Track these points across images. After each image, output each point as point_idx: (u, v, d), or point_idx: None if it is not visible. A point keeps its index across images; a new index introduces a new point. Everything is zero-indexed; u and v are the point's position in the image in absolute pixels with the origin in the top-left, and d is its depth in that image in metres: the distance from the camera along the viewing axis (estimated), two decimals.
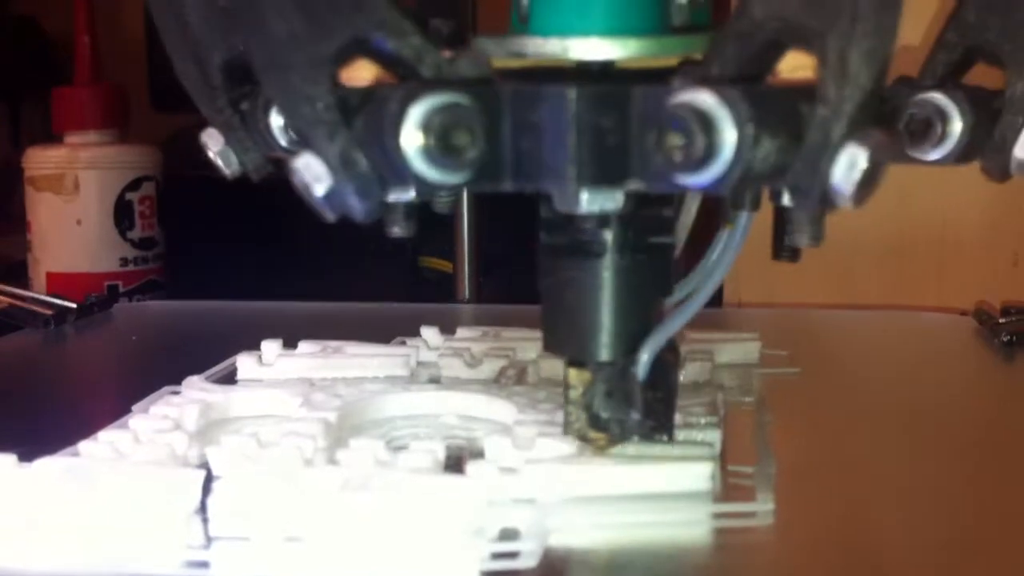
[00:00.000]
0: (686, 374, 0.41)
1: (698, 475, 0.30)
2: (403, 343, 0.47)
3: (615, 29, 0.26)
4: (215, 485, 0.29)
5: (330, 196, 0.25)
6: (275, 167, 0.31)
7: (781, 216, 0.31)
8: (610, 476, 0.30)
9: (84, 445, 0.33)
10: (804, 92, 0.23)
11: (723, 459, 0.33)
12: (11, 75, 1.18)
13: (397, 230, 0.27)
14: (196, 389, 0.39)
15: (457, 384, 0.42)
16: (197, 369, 0.44)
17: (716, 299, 0.66)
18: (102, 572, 0.27)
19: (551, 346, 0.30)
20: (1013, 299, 0.52)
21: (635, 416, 0.29)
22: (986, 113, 0.28)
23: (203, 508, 0.29)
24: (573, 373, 0.29)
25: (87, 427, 0.36)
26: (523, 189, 0.26)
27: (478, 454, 0.33)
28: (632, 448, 0.32)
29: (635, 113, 0.24)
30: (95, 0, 0.85)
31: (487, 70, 0.26)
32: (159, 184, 0.85)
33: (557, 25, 0.27)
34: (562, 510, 0.30)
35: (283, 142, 0.30)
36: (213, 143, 0.30)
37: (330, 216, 0.25)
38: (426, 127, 0.24)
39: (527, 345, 0.45)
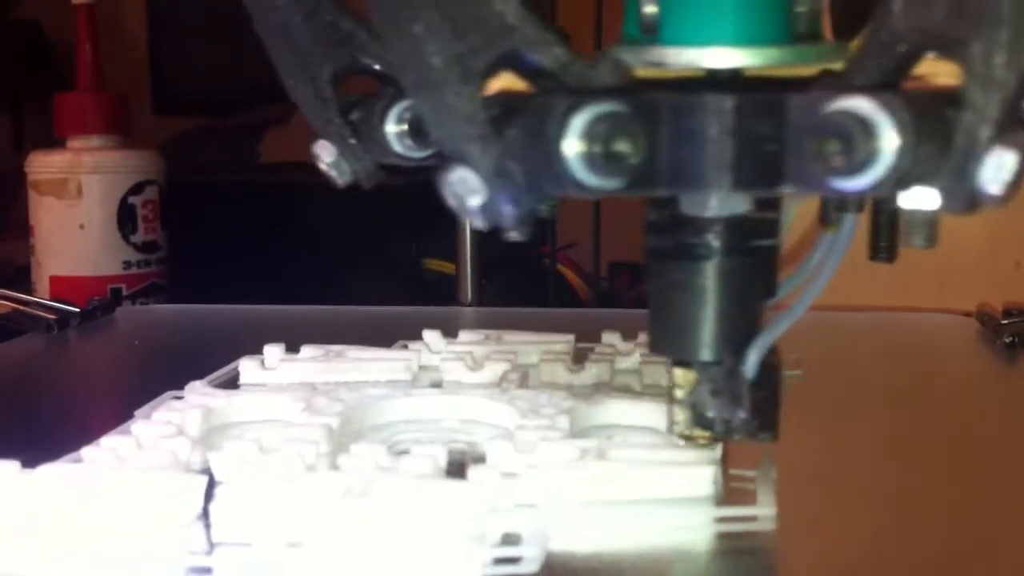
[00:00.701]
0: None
1: (700, 479, 0.31)
2: (405, 347, 0.47)
3: (745, 38, 0.27)
4: (217, 491, 0.29)
5: (485, 207, 0.25)
6: (385, 172, 0.32)
7: (879, 217, 0.32)
8: (612, 481, 0.31)
9: (87, 451, 0.33)
10: (950, 97, 0.24)
11: (725, 463, 0.33)
12: (13, 79, 1.19)
13: (516, 235, 0.27)
14: (199, 394, 0.39)
15: (459, 388, 0.42)
16: (200, 373, 0.44)
17: None
18: None
19: (657, 347, 0.30)
20: (1015, 301, 0.52)
21: (741, 415, 0.29)
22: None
23: (205, 514, 0.29)
24: (679, 373, 0.30)
25: (90, 432, 0.36)
26: (677, 194, 0.27)
27: (480, 459, 0.33)
28: (634, 452, 0.32)
29: (792, 120, 0.25)
30: (97, 5, 0.85)
31: (625, 79, 0.26)
32: (162, 188, 0.85)
33: (689, 35, 0.27)
34: (564, 515, 0.30)
35: (399, 148, 0.31)
36: (326, 154, 0.31)
37: (482, 225, 0.26)
38: (590, 135, 0.25)
39: (529, 349, 0.45)
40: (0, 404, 0.45)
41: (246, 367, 0.44)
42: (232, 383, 0.44)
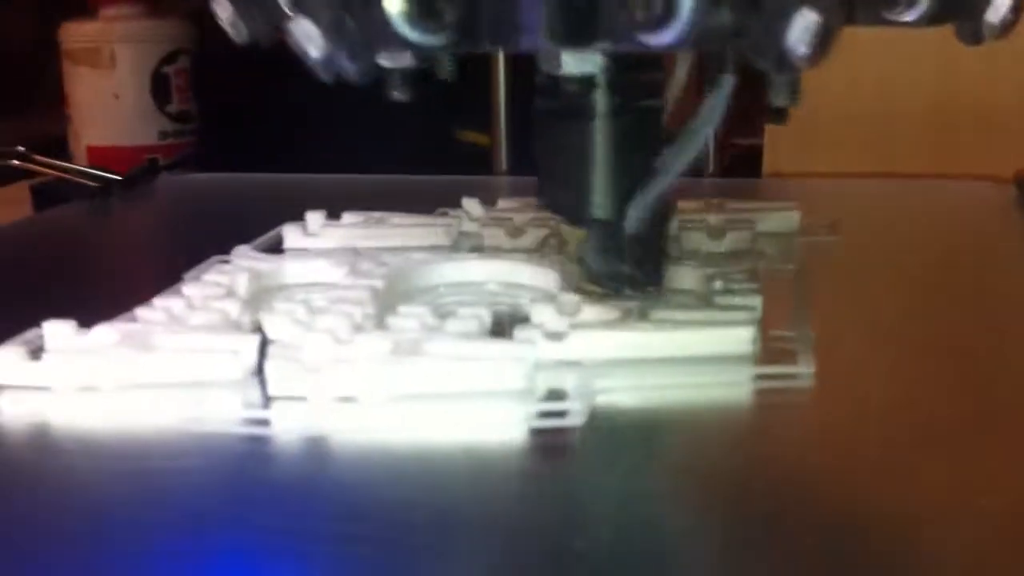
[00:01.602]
0: (727, 243, 0.41)
1: (739, 339, 0.31)
2: (445, 214, 0.47)
3: None
4: (270, 348, 0.30)
5: (324, 59, 0.27)
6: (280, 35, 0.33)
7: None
8: (654, 340, 0.31)
9: (141, 311, 0.34)
10: None
11: (763, 324, 0.33)
12: None
13: (396, 94, 0.29)
14: (245, 258, 0.40)
15: (500, 253, 0.42)
16: (243, 239, 0.44)
17: (755, 170, 0.66)
18: (166, 430, 0.28)
19: (546, 206, 0.32)
20: None
21: (625, 270, 0.30)
22: None
23: (260, 370, 0.30)
24: (566, 230, 0.31)
25: (140, 295, 0.37)
26: (500, 50, 0.28)
27: (523, 320, 0.33)
28: (674, 313, 0.32)
29: None
30: None
31: None
32: (194, 58, 0.85)
33: None
34: (607, 373, 0.30)
35: (287, 10, 0.31)
36: (222, 11, 0.32)
37: (326, 78, 0.27)
38: None
39: None
40: (51, 270, 0.46)
41: (289, 232, 0.45)
42: (276, 248, 0.45)
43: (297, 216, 0.46)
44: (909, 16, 0.28)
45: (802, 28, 0.24)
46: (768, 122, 0.32)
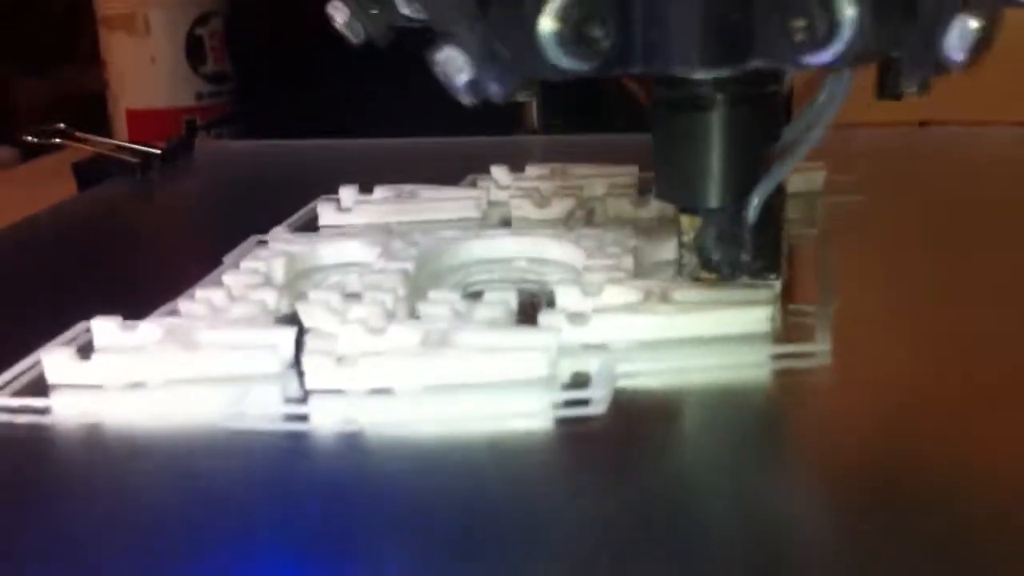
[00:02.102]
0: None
1: (758, 318, 0.32)
2: (474, 183, 0.48)
3: None
4: (307, 342, 0.32)
5: (472, 84, 0.27)
6: (398, 34, 0.33)
7: (887, 60, 0.33)
8: (674, 321, 0.32)
9: (184, 304, 0.36)
10: None
11: (785, 297, 0.34)
12: None
13: (523, 96, 0.28)
14: (281, 241, 0.41)
15: (527, 225, 0.43)
16: (280, 211, 0.46)
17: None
18: (211, 429, 0.29)
19: (663, 194, 0.31)
20: None
21: (745, 257, 0.31)
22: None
23: (298, 362, 0.32)
24: (685, 219, 0.31)
25: (183, 277, 0.39)
26: (653, 73, 0.28)
27: (549, 302, 0.35)
28: (695, 293, 0.33)
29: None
30: None
31: None
32: (227, 19, 0.86)
33: None
34: (629, 356, 0.32)
35: (406, 10, 0.32)
36: (339, 15, 0.32)
37: (469, 101, 0.27)
38: (562, 18, 0.26)
39: (594, 183, 0.46)
40: (97, 251, 0.47)
41: (324, 210, 0.46)
42: (311, 224, 0.46)
43: (331, 185, 0.47)
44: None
45: (959, 35, 0.24)
46: (882, 99, 0.31)
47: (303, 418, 0.30)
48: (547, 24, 0.26)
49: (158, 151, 0.59)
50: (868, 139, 0.57)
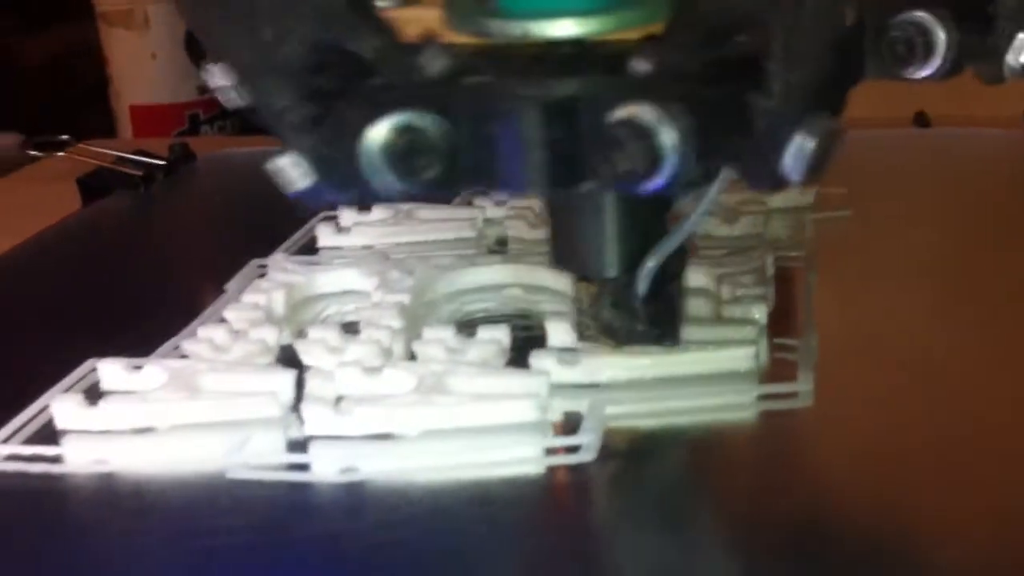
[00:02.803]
0: (739, 227, 0.43)
1: (742, 357, 0.33)
2: (470, 201, 0.49)
3: (577, 6, 0.27)
4: (307, 387, 0.33)
5: (310, 192, 0.27)
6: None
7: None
8: (663, 361, 0.33)
9: (186, 343, 0.37)
10: (753, 80, 0.24)
11: (771, 328, 0.35)
12: None
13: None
14: (280, 270, 0.42)
15: (522, 245, 0.44)
16: (280, 228, 0.47)
17: None
18: (213, 480, 0.31)
19: (559, 263, 0.32)
20: None
21: (639, 328, 0.31)
22: (975, 23, 0.28)
23: (298, 403, 0.33)
24: (581, 286, 0.32)
25: (187, 301, 0.40)
26: (480, 192, 0.28)
27: (540, 338, 0.35)
28: (684, 332, 0.34)
29: (583, 124, 0.26)
30: None
31: (447, 67, 0.27)
32: None
33: (520, 4, 0.28)
34: (617, 395, 0.33)
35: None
36: (213, 79, 0.31)
37: (306, 205, 0.28)
38: (388, 148, 0.26)
39: None
40: (101, 275, 0.48)
41: (323, 232, 0.47)
42: (310, 245, 0.47)
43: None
44: (925, 72, 0.28)
45: (797, 152, 0.24)
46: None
47: (304, 467, 0.31)
48: (372, 149, 0.26)
49: (162, 162, 0.59)
50: (860, 142, 0.57)
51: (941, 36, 0.28)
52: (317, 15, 0.26)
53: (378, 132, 0.26)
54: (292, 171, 0.27)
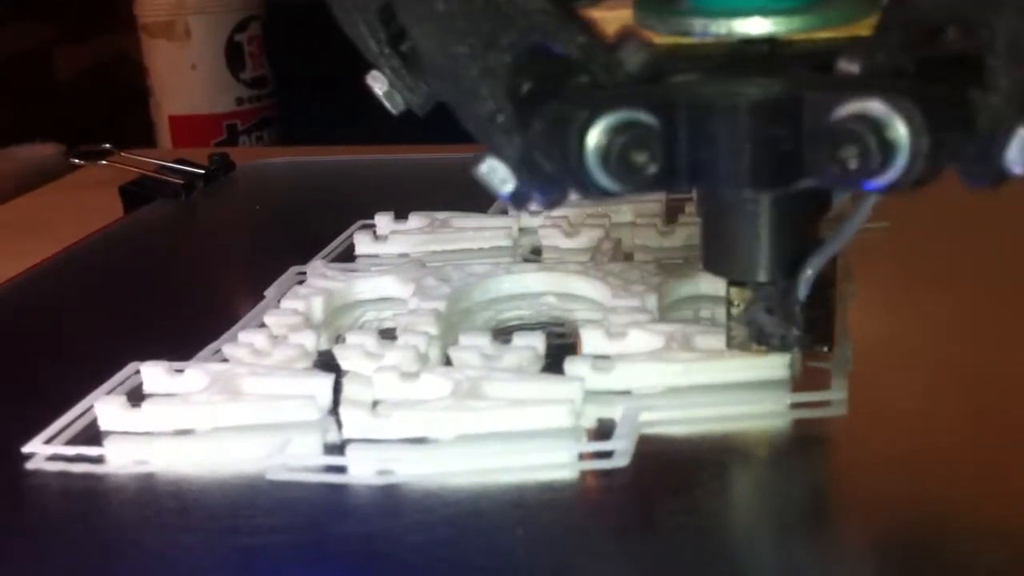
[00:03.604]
0: None
1: (776, 365, 0.33)
2: (505, 210, 0.49)
3: (771, 3, 0.27)
4: (344, 390, 0.33)
5: (515, 195, 0.27)
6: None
7: None
8: (696, 369, 0.33)
9: (227, 348, 0.38)
10: (973, 77, 0.24)
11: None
12: None
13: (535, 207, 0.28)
14: (319, 277, 0.43)
15: (556, 254, 0.45)
16: (319, 235, 0.48)
17: None
18: (253, 482, 0.31)
19: (712, 267, 0.31)
20: None
21: (796, 332, 0.30)
22: None
23: (336, 407, 0.33)
24: (734, 291, 0.31)
25: (228, 307, 0.41)
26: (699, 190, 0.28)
27: (573, 348, 0.36)
28: (715, 339, 0.34)
29: (807, 121, 0.25)
30: None
31: (647, 62, 0.27)
32: (265, 24, 0.87)
33: (717, 3, 0.28)
34: (651, 402, 0.33)
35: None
36: (378, 85, 0.32)
37: (515, 208, 0.28)
38: (607, 147, 0.26)
39: (623, 210, 0.47)
40: (142, 281, 0.49)
41: (360, 239, 0.48)
42: (348, 252, 0.48)
43: (368, 206, 0.49)
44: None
45: (1021, 147, 0.24)
46: None
47: (341, 469, 0.31)
48: (592, 148, 0.26)
49: (201, 171, 0.60)
50: None
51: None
52: (523, 16, 0.26)
53: (598, 130, 0.26)
54: (500, 173, 0.27)
